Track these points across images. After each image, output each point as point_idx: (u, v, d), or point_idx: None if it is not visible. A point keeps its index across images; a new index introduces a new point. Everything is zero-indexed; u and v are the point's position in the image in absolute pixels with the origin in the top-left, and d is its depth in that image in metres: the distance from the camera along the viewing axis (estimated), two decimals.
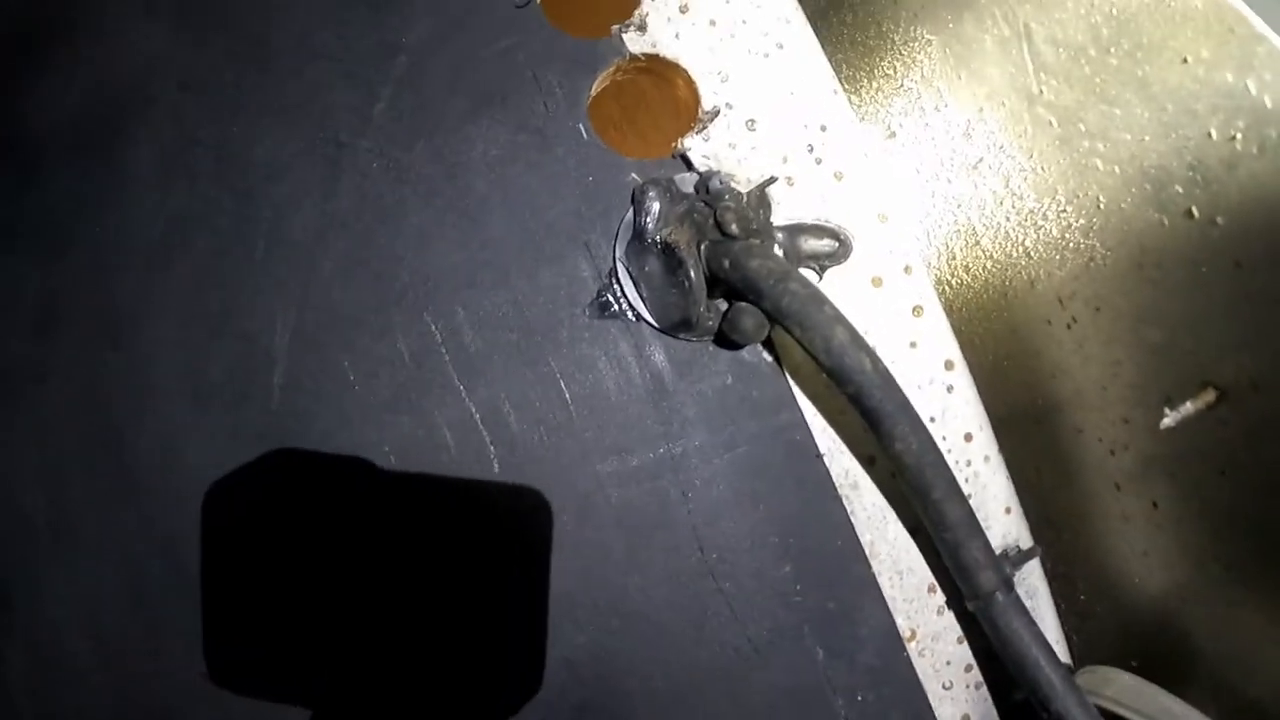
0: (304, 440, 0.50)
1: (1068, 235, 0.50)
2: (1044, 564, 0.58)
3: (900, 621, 0.53)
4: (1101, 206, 0.48)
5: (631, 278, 0.49)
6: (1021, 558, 0.56)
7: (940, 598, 0.55)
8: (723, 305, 0.50)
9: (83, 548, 0.54)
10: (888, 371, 0.49)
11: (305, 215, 0.51)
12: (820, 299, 0.47)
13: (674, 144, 0.50)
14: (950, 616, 0.55)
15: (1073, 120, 0.46)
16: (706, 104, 0.51)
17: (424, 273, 0.50)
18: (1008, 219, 0.52)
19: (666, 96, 0.52)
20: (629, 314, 0.50)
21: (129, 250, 0.53)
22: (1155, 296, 0.48)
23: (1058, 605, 0.60)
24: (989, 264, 0.55)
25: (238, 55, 0.54)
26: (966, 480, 0.54)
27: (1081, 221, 0.48)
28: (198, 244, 0.53)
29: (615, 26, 0.51)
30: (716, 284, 0.49)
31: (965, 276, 0.56)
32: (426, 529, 0.49)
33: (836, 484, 0.51)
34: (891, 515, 0.53)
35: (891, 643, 0.53)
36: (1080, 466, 0.56)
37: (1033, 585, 0.57)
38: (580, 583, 0.49)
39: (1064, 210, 0.49)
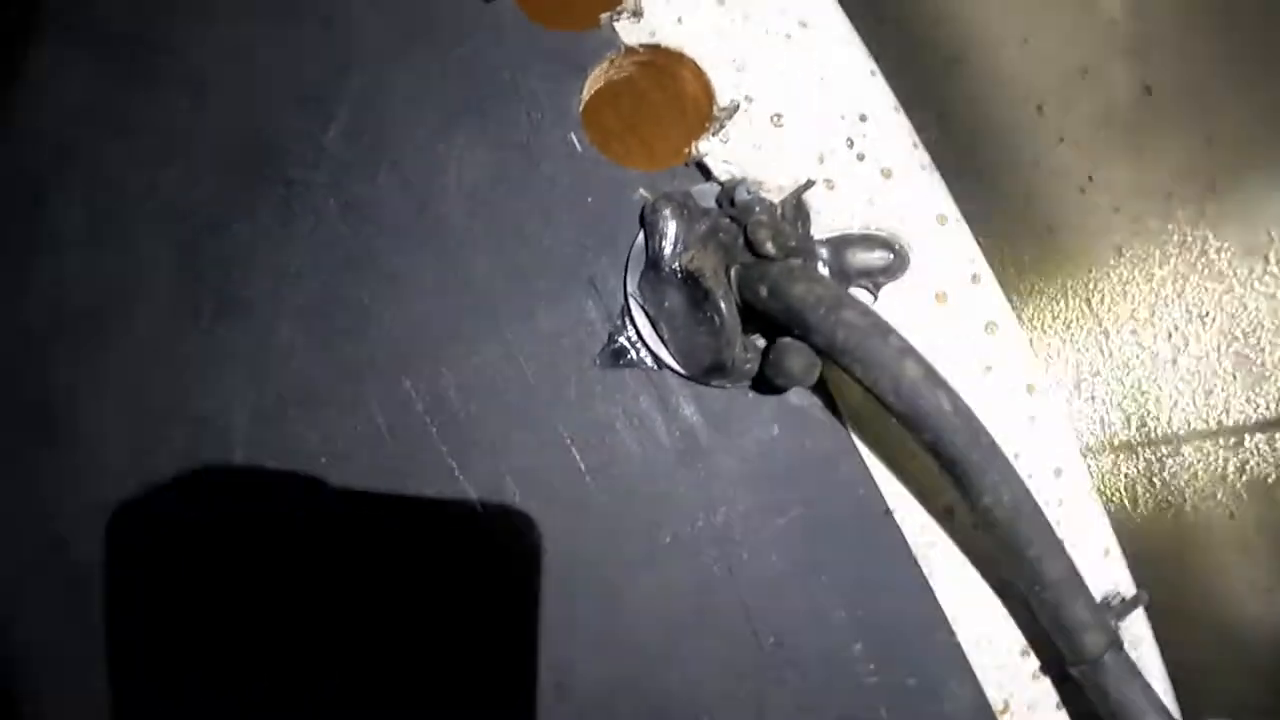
0: (269, 537, 0.41)
1: (1171, 226, 0.40)
2: (1145, 606, 0.49)
3: (991, 693, 0.44)
4: (1216, 188, 0.38)
5: (649, 317, 0.40)
6: (1126, 608, 0.46)
7: (1034, 661, 0.45)
8: (761, 342, 0.40)
9: (37, 662, 0.45)
10: (969, 410, 0.39)
11: (255, 270, 0.42)
12: (883, 328, 0.37)
13: (687, 150, 0.41)
14: (1047, 682, 0.46)
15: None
16: (722, 99, 0.42)
17: (398, 328, 0.41)
18: (1090, 209, 0.42)
19: (672, 94, 0.43)
20: (649, 361, 0.40)
21: (58, 326, 0.44)
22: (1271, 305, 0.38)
23: (1159, 639, 0.50)
24: (1068, 265, 0.45)
25: (169, 88, 0.44)
26: (1059, 522, 0.45)
27: (1190, 208, 0.39)
28: (136, 313, 0.43)
29: (605, 15, 0.42)
30: (753, 316, 0.40)
31: (1039, 282, 0.46)
32: (420, 650, 0.40)
33: (910, 543, 0.42)
34: (974, 574, 0.43)
35: (983, 718, 0.44)
36: (1184, 493, 0.46)
37: (1136, 633, 0.48)
38: (613, 686, 0.40)
39: (1170, 196, 0.39)
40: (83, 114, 0.45)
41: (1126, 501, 0.48)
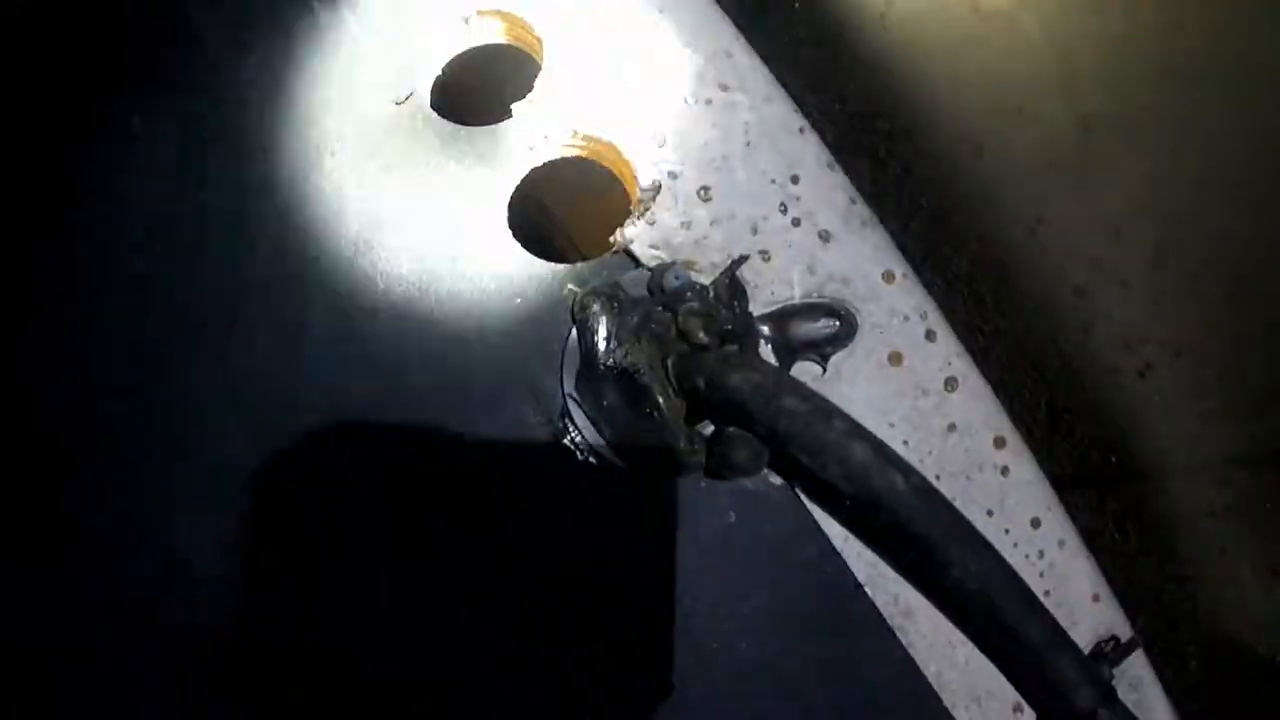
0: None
1: (1126, 266, 0.36)
2: (1145, 639, 0.45)
3: None
4: (1174, 229, 0.34)
5: (588, 417, 0.37)
6: (1121, 652, 0.43)
7: (1030, 717, 0.42)
8: (708, 428, 0.37)
9: None
10: (925, 484, 0.35)
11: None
12: (826, 411, 0.34)
13: (613, 238, 0.38)
14: None
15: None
16: (644, 179, 0.38)
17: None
18: (1043, 250, 0.38)
19: (596, 179, 0.39)
20: (593, 461, 0.38)
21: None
22: (1254, 330, 0.34)
23: (1162, 676, 0.46)
24: (1029, 305, 0.41)
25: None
26: (1041, 574, 0.41)
27: (1147, 250, 0.35)
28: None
29: (518, 104, 0.38)
30: (695, 406, 0.37)
31: (1001, 321, 0.43)
32: None
33: (885, 615, 0.39)
34: (957, 636, 0.40)
35: None
36: (1173, 529, 0.42)
37: (1136, 674, 0.44)
38: None
39: (1120, 233, 0.35)
40: None
41: (1116, 535, 0.44)
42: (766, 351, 0.38)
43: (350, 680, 0.38)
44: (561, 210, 0.43)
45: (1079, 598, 0.41)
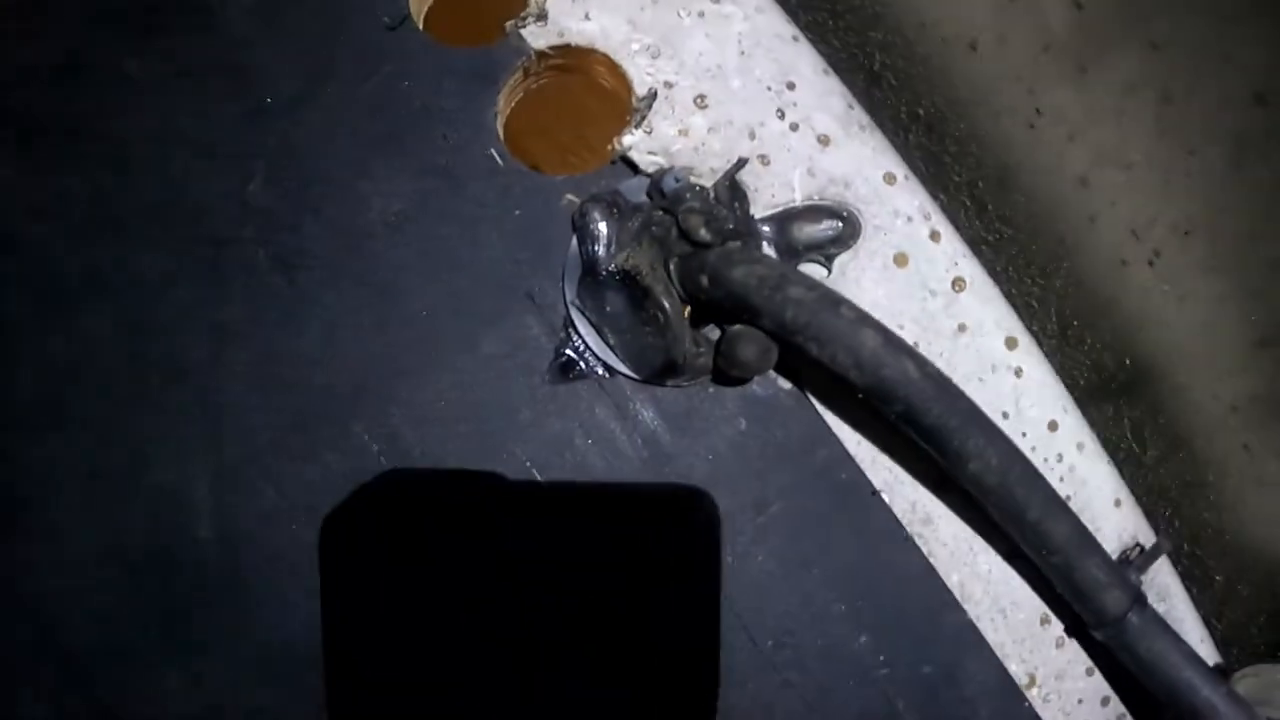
0: (247, 600, 0.38)
1: (1130, 146, 0.35)
2: (1168, 554, 0.43)
3: (1014, 668, 0.39)
4: (1170, 97, 0.33)
5: (592, 324, 0.36)
6: (1146, 558, 0.41)
7: (1057, 627, 0.40)
8: (715, 334, 0.36)
9: None
10: (940, 373, 0.35)
11: (195, 334, 0.39)
12: (833, 299, 0.33)
13: (610, 147, 0.37)
14: (1073, 646, 0.41)
15: None
16: (639, 89, 0.38)
17: (342, 373, 0.38)
18: (1044, 144, 0.38)
19: (590, 92, 0.39)
20: (599, 370, 0.37)
21: (12, 416, 0.42)
22: (1263, 199, 0.33)
23: (1188, 590, 0.45)
24: (1032, 206, 0.40)
25: (93, 166, 0.42)
26: (1061, 479, 0.40)
27: (1147, 123, 0.34)
28: (88, 392, 0.41)
29: (509, 23, 0.38)
30: (700, 308, 0.36)
31: (1005, 229, 0.42)
32: (405, 684, 0.36)
33: (903, 522, 0.38)
34: (979, 544, 0.39)
35: (1008, 696, 0.40)
36: (1193, 430, 0.41)
37: (1163, 584, 0.43)
38: (613, 712, 0.36)
39: (1123, 114, 0.35)
40: (12, 203, 0.43)
41: (1135, 446, 0.43)
42: (769, 254, 0.37)
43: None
44: (555, 126, 0.42)
45: (1100, 502, 0.40)
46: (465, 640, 0.37)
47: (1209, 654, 0.43)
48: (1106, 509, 0.40)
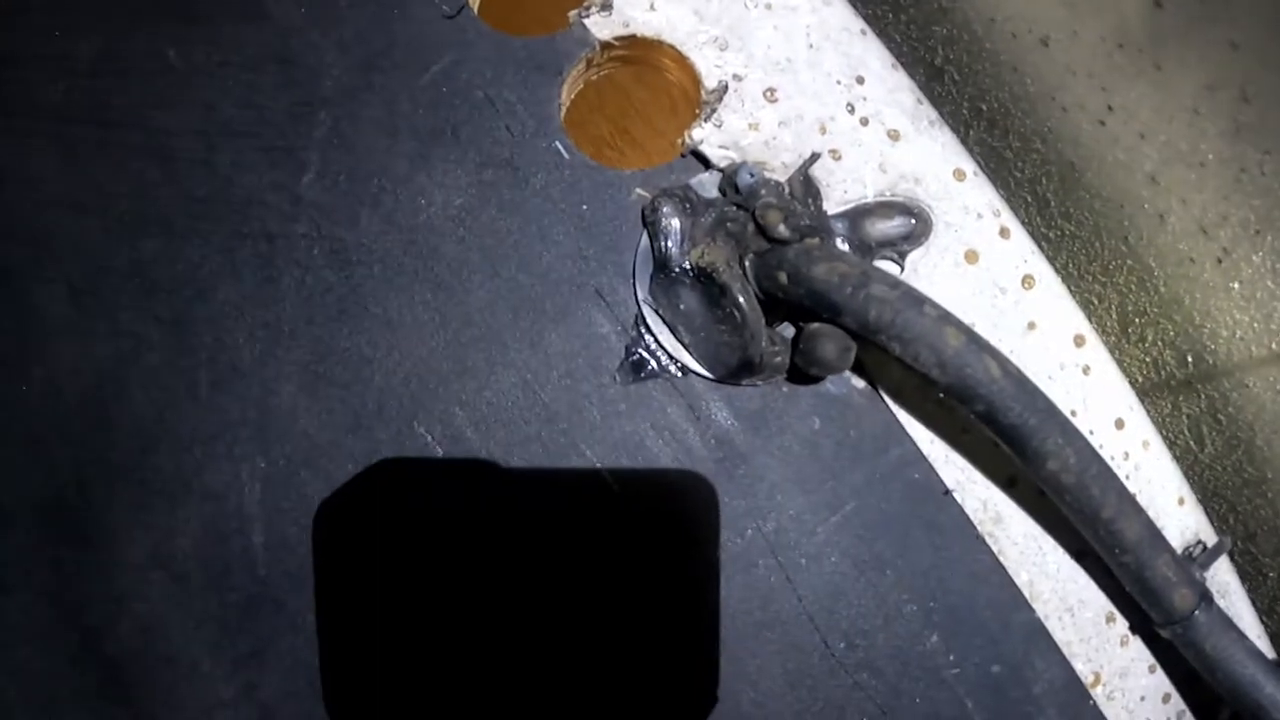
0: (301, 608, 0.36)
1: (1204, 145, 0.35)
2: (1229, 552, 0.43)
3: (1080, 667, 0.39)
4: (1247, 96, 0.33)
5: (665, 321, 0.35)
6: (1209, 556, 0.41)
7: (1121, 625, 0.40)
8: (789, 331, 0.35)
9: None
10: (1020, 373, 0.34)
11: (245, 333, 0.37)
12: (916, 298, 0.32)
13: (680, 141, 0.36)
14: (1137, 644, 0.40)
15: None
16: (709, 82, 0.37)
17: (402, 372, 0.36)
18: (1113, 140, 0.37)
19: (657, 85, 0.38)
20: (672, 369, 0.36)
21: (58, 417, 0.40)
22: None
23: (1246, 590, 0.44)
24: (1097, 203, 0.40)
25: (135, 161, 0.40)
26: (1128, 477, 0.39)
27: (1223, 123, 0.33)
28: (134, 394, 0.39)
29: (573, 13, 0.37)
30: (775, 306, 0.35)
31: (1067, 226, 0.41)
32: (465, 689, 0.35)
33: (975, 521, 0.37)
34: (1049, 543, 0.38)
35: (1075, 695, 0.39)
36: (1253, 428, 0.41)
37: (1222, 581, 0.42)
38: (682, 716, 0.35)
39: (1198, 113, 0.34)
40: (53, 200, 0.41)
41: (1192, 444, 0.42)
42: (843, 250, 0.36)
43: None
44: (621, 119, 0.41)
45: (1164, 499, 0.40)
46: (538, 644, 0.36)
47: (1266, 650, 0.43)
48: (1170, 506, 0.40)
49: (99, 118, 0.41)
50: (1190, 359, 0.41)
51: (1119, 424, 0.39)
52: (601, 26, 0.37)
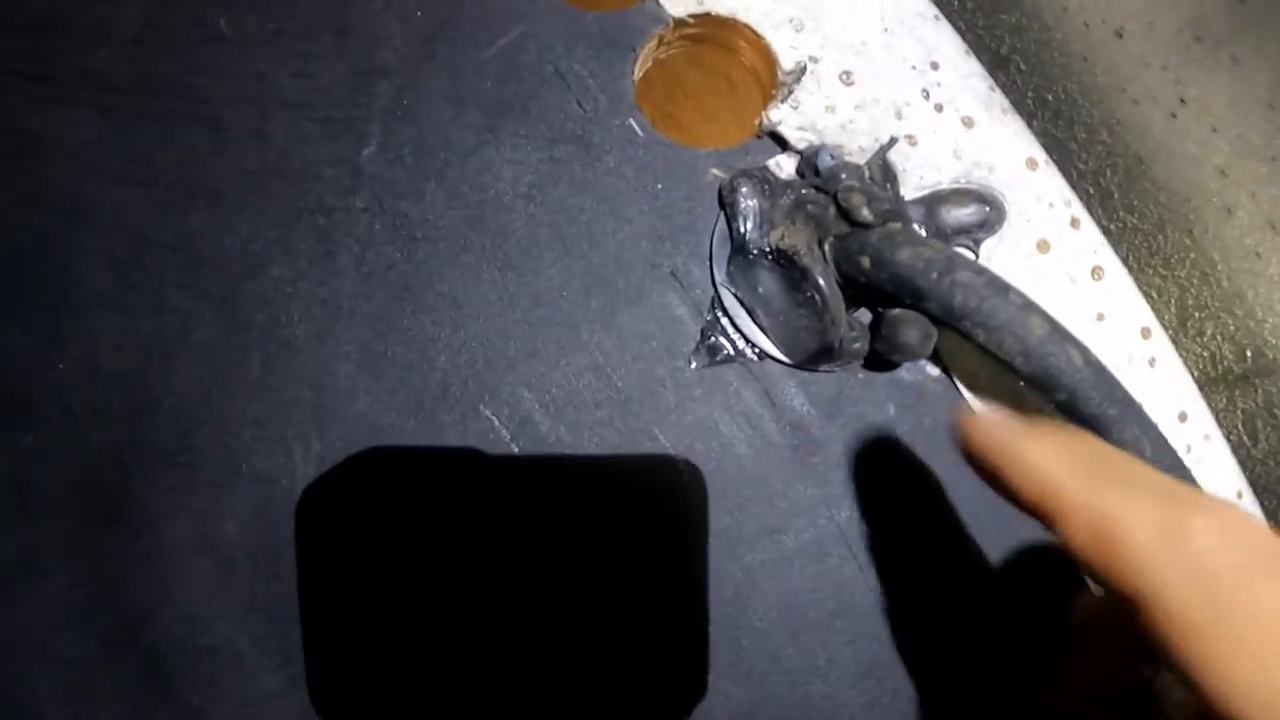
0: (355, 599, 0.35)
1: (1279, 139, 0.35)
2: None
3: None
4: None
5: (742, 305, 0.34)
6: None
7: None
8: (866, 317, 0.34)
9: None
10: (1100, 362, 0.33)
11: (301, 311, 0.36)
12: (1001, 285, 0.32)
13: (757, 121, 0.35)
14: None
15: None
16: (786, 63, 0.36)
17: (468, 353, 0.35)
18: (1184, 133, 0.37)
19: (732, 64, 0.37)
20: (748, 353, 0.35)
21: (102, 395, 0.38)
22: None
23: None
24: (1163, 196, 0.39)
25: (183, 130, 0.38)
26: (1191, 469, 0.39)
27: None
28: (180, 372, 0.37)
29: None
30: (853, 290, 0.34)
31: (1130, 218, 0.41)
32: (530, 683, 0.34)
33: None
34: None
35: None
36: None
37: None
38: (750, 708, 0.34)
39: (1274, 107, 0.34)
40: (95, 170, 0.39)
41: (1245, 439, 0.42)
42: (926, 238, 0.35)
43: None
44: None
45: (1225, 494, 0.39)
46: (615, 629, 0.35)
47: None
48: (1229, 499, 0.40)
49: (144, 85, 0.39)
50: (1249, 354, 0.41)
51: (1182, 417, 0.39)
52: (676, 3, 0.36)
